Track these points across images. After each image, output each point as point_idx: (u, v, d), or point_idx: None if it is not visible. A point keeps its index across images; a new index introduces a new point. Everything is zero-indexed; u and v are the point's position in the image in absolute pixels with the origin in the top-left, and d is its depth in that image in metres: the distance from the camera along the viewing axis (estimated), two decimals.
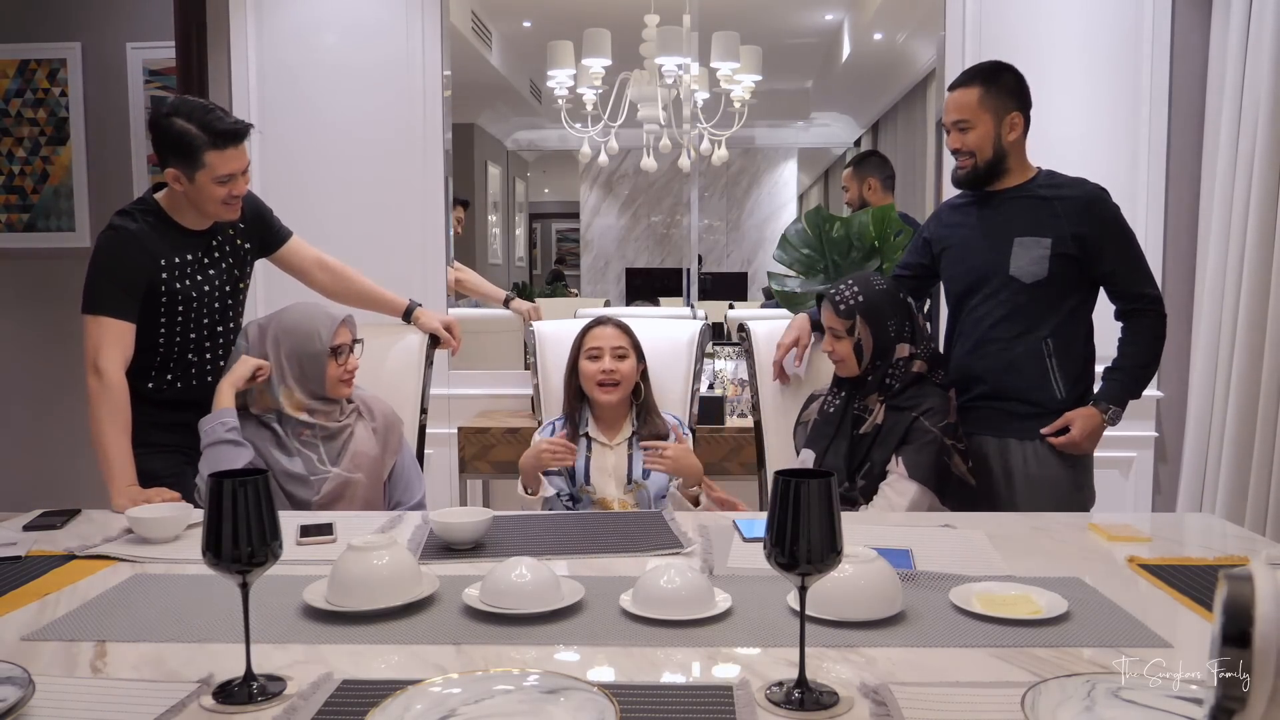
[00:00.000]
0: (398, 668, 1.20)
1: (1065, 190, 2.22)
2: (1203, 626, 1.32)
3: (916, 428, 2.09)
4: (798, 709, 1.06)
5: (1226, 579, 0.72)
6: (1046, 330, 2.21)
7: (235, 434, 2.03)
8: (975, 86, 2.22)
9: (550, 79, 4.25)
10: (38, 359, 4.10)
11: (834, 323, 2.18)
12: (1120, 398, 2.22)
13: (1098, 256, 2.20)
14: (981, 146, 2.21)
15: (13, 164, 4.18)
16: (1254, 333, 2.95)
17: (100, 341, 2.08)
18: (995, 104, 2.21)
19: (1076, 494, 2.24)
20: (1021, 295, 2.20)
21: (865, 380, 2.18)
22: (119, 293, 2.10)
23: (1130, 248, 2.24)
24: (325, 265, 2.47)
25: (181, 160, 2.07)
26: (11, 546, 1.69)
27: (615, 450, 2.27)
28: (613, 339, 2.29)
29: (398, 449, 2.21)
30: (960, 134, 2.22)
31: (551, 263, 6.51)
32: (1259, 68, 2.91)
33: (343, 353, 2.14)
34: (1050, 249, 2.17)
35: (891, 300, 2.17)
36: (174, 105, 2.09)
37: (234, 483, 1.11)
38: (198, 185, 2.09)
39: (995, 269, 2.22)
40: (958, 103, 2.22)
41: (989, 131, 2.20)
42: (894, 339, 2.15)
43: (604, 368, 2.25)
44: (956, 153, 2.24)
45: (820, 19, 5.10)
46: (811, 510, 1.06)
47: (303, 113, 3.42)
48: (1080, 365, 2.25)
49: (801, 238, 3.45)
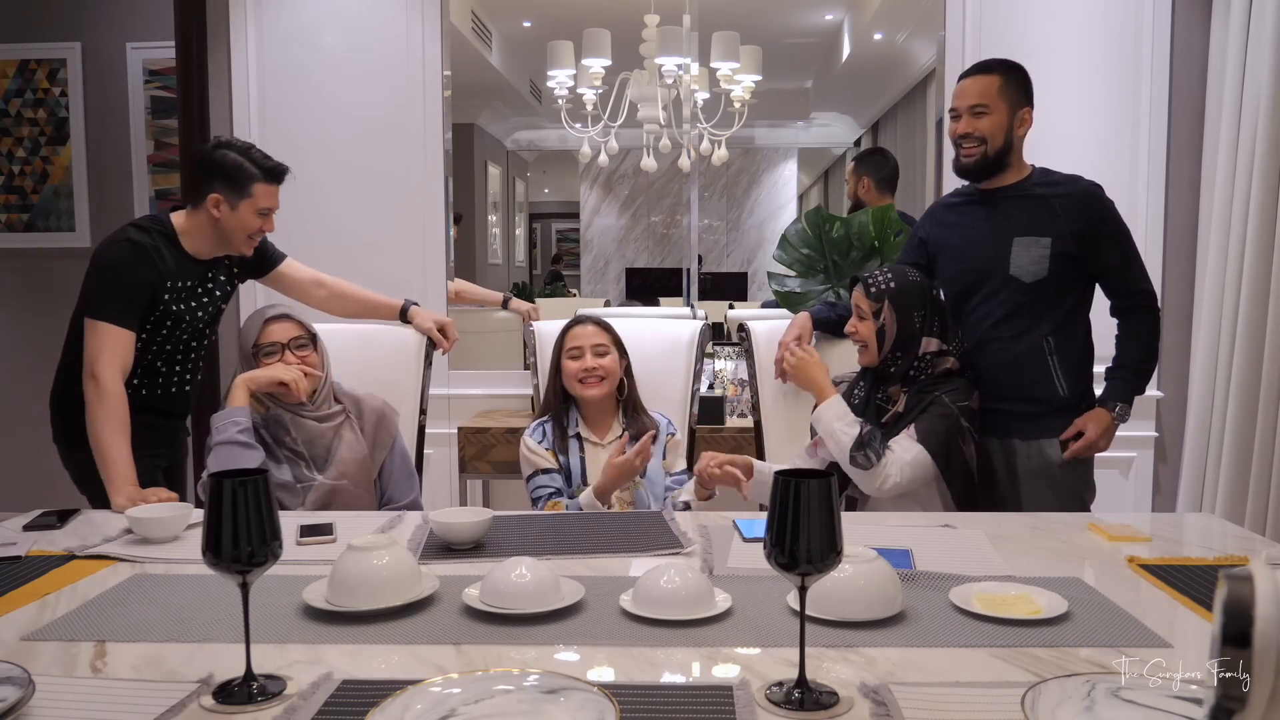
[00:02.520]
0: (398, 668, 1.20)
1: (1062, 188, 2.23)
2: (1203, 626, 1.32)
3: (936, 402, 2.10)
4: (798, 709, 1.06)
5: (1226, 579, 0.72)
6: (1047, 328, 2.21)
7: (247, 435, 2.03)
8: (996, 75, 2.22)
9: (550, 79, 4.25)
10: (38, 359, 4.09)
11: (862, 302, 2.19)
12: (1127, 395, 2.23)
13: (1095, 253, 2.21)
14: (994, 134, 2.20)
15: (13, 164, 4.18)
16: (1254, 333, 2.95)
17: (101, 348, 2.11)
18: (1012, 95, 2.21)
19: (1081, 489, 2.26)
20: (1022, 294, 2.21)
21: (888, 372, 2.18)
22: (126, 303, 2.15)
23: (1127, 244, 2.25)
24: (321, 282, 2.53)
25: (230, 188, 2.19)
26: (11, 546, 1.69)
27: (607, 449, 2.28)
28: (592, 337, 2.31)
29: (388, 443, 2.20)
30: (974, 119, 2.20)
31: (551, 262, 6.51)
32: (1259, 68, 2.91)
33: (274, 352, 2.12)
34: (1050, 248, 2.18)
35: (922, 293, 2.17)
36: (221, 140, 2.26)
37: (234, 483, 1.10)
38: (239, 214, 2.21)
39: (995, 268, 2.22)
40: (980, 87, 2.21)
41: (1003, 121, 2.21)
42: (919, 331, 2.15)
43: (585, 365, 2.28)
44: (965, 138, 2.22)
45: (820, 19, 5.10)
46: (811, 510, 1.06)
47: (302, 112, 3.42)
48: (1080, 361, 2.26)
49: (801, 238, 3.45)
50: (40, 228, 4.18)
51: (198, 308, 2.29)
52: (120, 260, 2.17)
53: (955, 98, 2.26)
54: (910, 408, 2.14)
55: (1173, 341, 3.32)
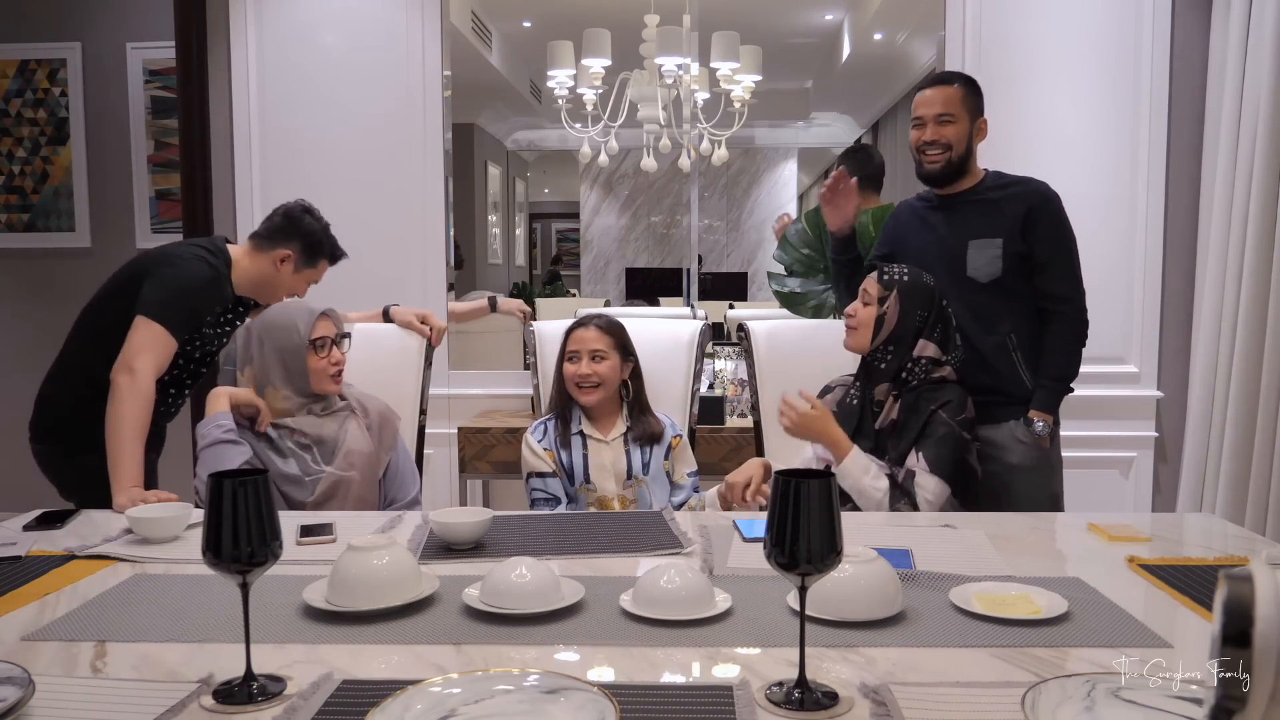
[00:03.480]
0: (398, 668, 1.20)
1: (1012, 189, 2.31)
2: (1203, 626, 1.32)
3: (935, 420, 2.09)
4: (798, 709, 1.06)
5: (1226, 579, 0.72)
6: (1009, 326, 2.28)
7: (232, 434, 2.04)
8: (958, 85, 2.33)
9: (550, 79, 4.25)
10: (38, 359, 4.10)
11: (871, 287, 2.19)
12: (1044, 405, 2.28)
13: (1032, 251, 2.27)
14: (959, 141, 2.30)
15: (13, 164, 4.18)
16: (1254, 333, 2.95)
17: (145, 346, 2.15)
18: (972, 105, 2.33)
19: (1049, 474, 2.32)
20: (980, 295, 2.27)
21: (877, 368, 2.16)
22: (188, 320, 2.24)
23: (1060, 246, 2.29)
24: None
25: (304, 254, 2.37)
26: (11, 546, 1.69)
27: (611, 446, 2.28)
28: (591, 342, 2.30)
29: (393, 445, 2.21)
30: (940, 127, 2.30)
31: (550, 262, 6.51)
32: (1259, 68, 2.91)
33: (324, 346, 2.13)
34: (1002, 248, 2.25)
35: (931, 296, 2.17)
36: (310, 208, 2.43)
37: (234, 483, 1.10)
38: (298, 277, 2.39)
39: (954, 271, 2.28)
40: (945, 96, 2.31)
41: (966, 129, 2.31)
42: (917, 330, 2.14)
43: (581, 371, 2.28)
44: (931, 145, 2.31)
45: (820, 19, 5.10)
46: (811, 510, 1.06)
47: (302, 113, 3.42)
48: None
49: (801, 238, 3.45)
50: (40, 228, 4.18)
51: (214, 337, 2.39)
52: (198, 280, 2.26)
53: (919, 107, 2.35)
54: (905, 420, 2.11)
55: (1173, 341, 3.32)
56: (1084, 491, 3.23)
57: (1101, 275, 3.28)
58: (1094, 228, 3.25)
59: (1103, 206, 3.25)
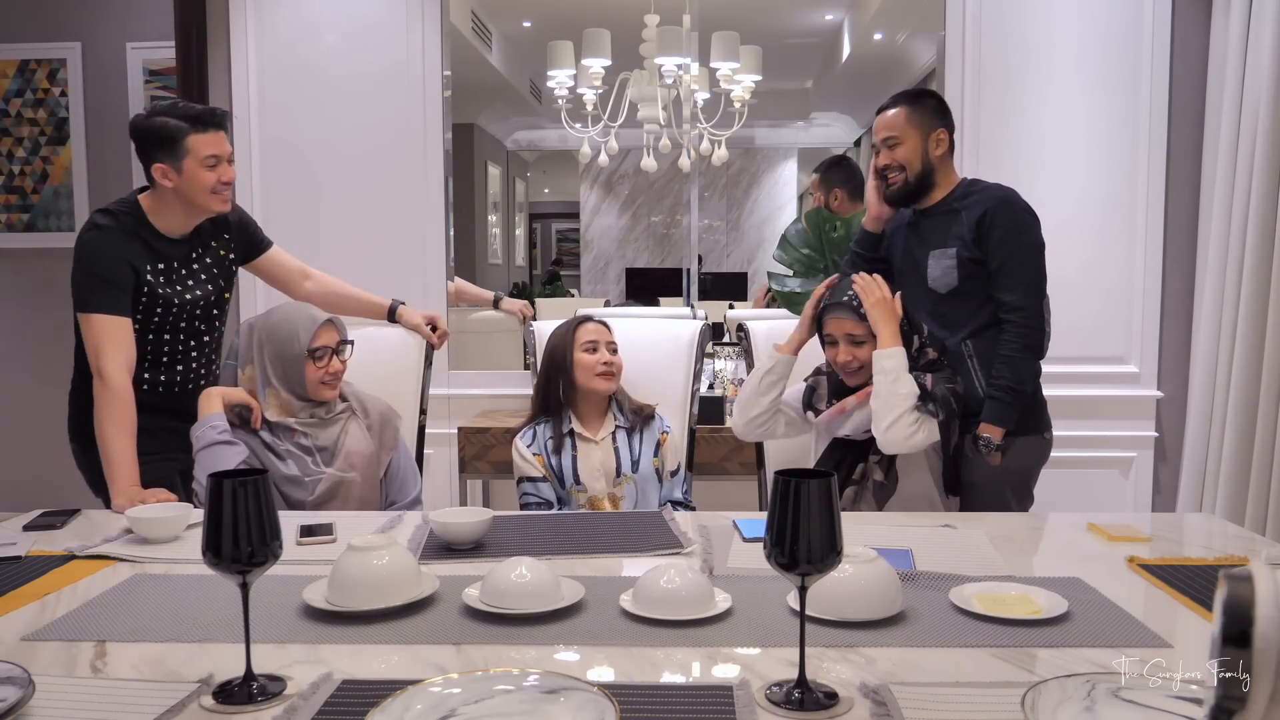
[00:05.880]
0: (398, 668, 1.20)
1: (973, 198, 2.27)
2: (1203, 626, 1.32)
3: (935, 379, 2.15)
4: (798, 709, 1.06)
5: (1226, 579, 0.72)
6: (965, 333, 2.26)
7: (227, 434, 2.03)
8: (901, 106, 2.32)
9: (550, 79, 4.25)
10: (38, 359, 4.10)
11: (855, 329, 2.20)
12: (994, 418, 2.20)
13: (986, 257, 2.22)
14: (910, 160, 2.28)
15: (13, 164, 4.18)
16: (1254, 333, 2.95)
17: (100, 342, 2.09)
18: (920, 120, 2.30)
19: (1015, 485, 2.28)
20: (940, 304, 2.27)
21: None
22: (109, 288, 2.12)
23: (1015, 252, 2.22)
24: (307, 274, 2.50)
25: (166, 151, 2.12)
26: (11, 546, 1.69)
27: (601, 445, 2.29)
28: (606, 334, 2.36)
29: (393, 445, 2.21)
30: (889, 150, 2.30)
31: (549, 263, 6.51)
32: (1259, 68, 2.91)
33: (323, 355, 2.11)
34: (955, 257, 2.23)
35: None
36: (148, 109, 2.21)
37: (234, 483, 1.10)
38: (186, 175, 2.13)
39: (919, 283, 2.29)
40: (887, 121, 2.32)
41: (917, 146, 2.29)
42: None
43: (604, 359, 2.31)
44: (886, 169, 2.31)
45: (820, 19, 5.10)
46: (811, 510, 1.06)
47: (302, 113, 3.42)
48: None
49: (801, 238, 3.45)
50: (40, 228, 4.18)
51: (185, 291, 2.24)
52: (92, 247, 2.14)
53: (874, 133, 2.36)
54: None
55: (1173, 341, 3.32)
56: (1084, 491, 3.23)
57: (1102, 275, 3.29)
58: (1094, 228, 3.26)
59: (1103, 206, 3.25)
